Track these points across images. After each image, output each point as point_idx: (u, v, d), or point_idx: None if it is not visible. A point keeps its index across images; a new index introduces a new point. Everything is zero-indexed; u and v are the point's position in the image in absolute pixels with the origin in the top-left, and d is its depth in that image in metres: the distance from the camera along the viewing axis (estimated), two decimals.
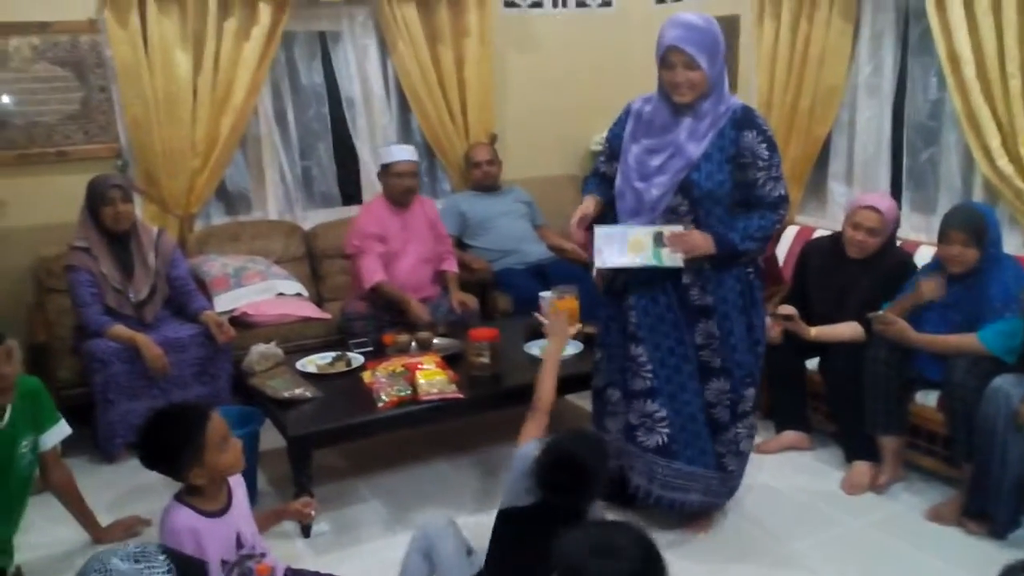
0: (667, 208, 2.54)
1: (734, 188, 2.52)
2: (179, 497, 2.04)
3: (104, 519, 2.88)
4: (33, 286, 3.88)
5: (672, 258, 2.53)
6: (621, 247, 2.58)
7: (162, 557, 1.46)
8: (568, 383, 3.23)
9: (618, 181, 2.65)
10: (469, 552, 2.26)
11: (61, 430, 2.65)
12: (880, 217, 3.19)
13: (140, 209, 3.92)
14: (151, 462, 2.01)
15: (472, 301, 4.02)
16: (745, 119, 2.52)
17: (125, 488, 3.23)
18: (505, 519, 2.15)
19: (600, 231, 2.62)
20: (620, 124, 2.71)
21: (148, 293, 3.50)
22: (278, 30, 4.11)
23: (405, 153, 3.94)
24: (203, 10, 3.94)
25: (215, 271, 3.92)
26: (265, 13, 4.04)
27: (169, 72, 3.93)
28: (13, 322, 3.47)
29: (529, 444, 2.29)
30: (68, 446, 2.83)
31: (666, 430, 2.63)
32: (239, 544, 2.05)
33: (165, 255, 3.57)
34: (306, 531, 2.84)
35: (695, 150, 2.49)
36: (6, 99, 3.76)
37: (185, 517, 1.98)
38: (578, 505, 2.04)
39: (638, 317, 2.64)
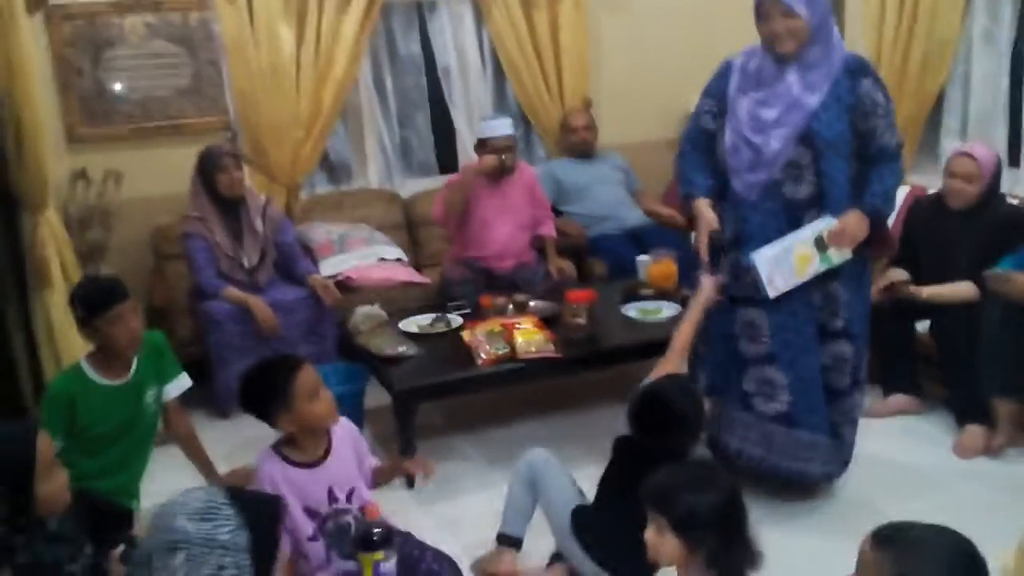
0: (788, 161, 2.46)
1: (853, 138, 2.45)
2: (274, 445, 2.13)
3: (221, 469, 3.03)
4: (151, 253, 4.09)
5: (842, 253, 2.47)
6: (789, 268, 2.47)
7: (230, 510, 1.37)
8: (661, 346, 3.23)
9: (728, 137, 2.56)
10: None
11: (182, 382, 2.79)
12: (974, 163, 3.07)
13: (248, 179, 4.07)
14: (248, 406, 2.12)
15: (569, 267, 4.03)
16: (860, 67, 2.46)
17: (239, 441, 3.38)
18: (620, 445, 2.22)
19: (762, 258, 2.47)
20: (721, 79, 2.63)
21: (258, 258, 3.65)
22: (377, 2, 4.19)
23: (501, 127, 3.85)
24: None
25: (320, 237, 4.06)
26: None
27: (273, 46, 4.05)
28: (134, 287, 3.64)
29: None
30: (185, 402, 2.99)
31: (787, 397, 2.55)
32: (332, 498, 2.11)
33: (273, 222, 3.72)
34: (410, 483, 2.93)
35: (813, 100, 2.42)
36: (123, 75, 3.97)
37: (270, 464, 2.08)
38: (670, 445, 2.07)
39: (756, 278, 2.52)
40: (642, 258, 3.79)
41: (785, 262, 2.47)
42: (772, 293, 2.48)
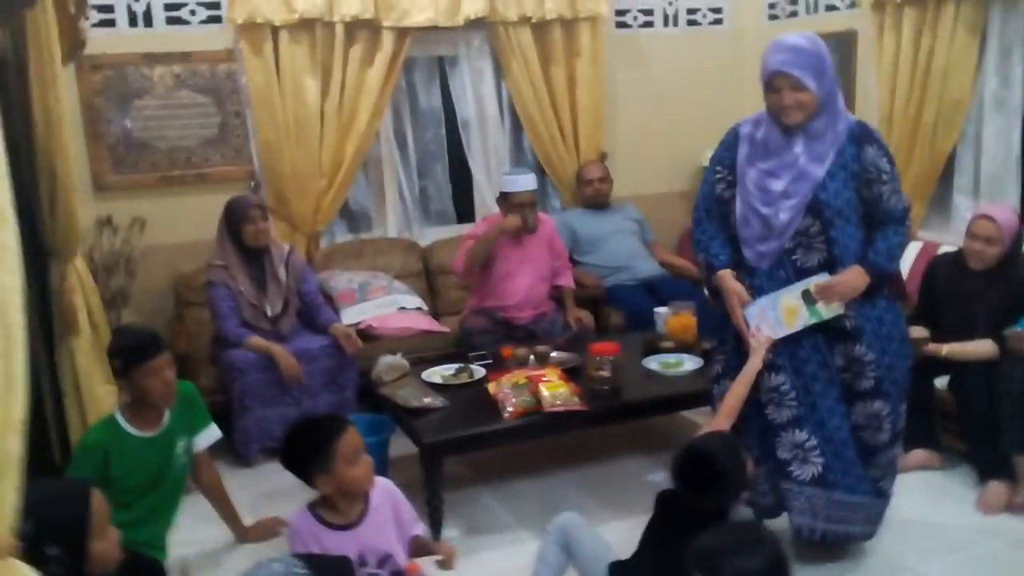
0: (798, 230, 2.48)
1: (860, 204, 2.48)
2: (310, 504, 2.14)
3: (243, 520, 3.03)
4: (173, 300, 4.12)
5: (831, 308, 2.47)
6: (776, 318, 2.51)
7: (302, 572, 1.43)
8: (684, 399, 3.26)
9: (739, 207, 2.58)
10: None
11: (213, 433, 2.81)
12: (995, 225, 3.13)
13: (272, 229, 4.11)
14: (288, 463, 2.14)
15: (588, 318, 4.07)
16: (864, 134, 2.49)
17: (261, 491, 3.38)
18: (662, 499, 2.24)
19: (750, 311, 2.54)
20: (729, 148, 2.64)
21: (281, 307, 3.68)
22: (400, 57, 4.29)
23: (525, 183, 3.88)
24: (331, 39, 4.14)
25: (341, 286, 4.10)
26: (388, 41, 4.22)
27: (299, 98, 4.14)
28: None
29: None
30: (209, 451, 3.00)
31: (820, 459, 2.53)
32: (362, 562, 2.10)
33: (296, 271, 3.76)
34: (436, 535, 2.92)
35: (819, 171, 2.45)
36: (151, 124, 4.03)
37: (302, 523, 2.09)
38: (714, 502, 2.09)
39: (774, 345, 2.54)
40: (660, 310, 3.82)
41: (772, 312, 2.52)
42: (752, 343, 2.52)
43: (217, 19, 4.08)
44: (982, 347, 3.09)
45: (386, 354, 3.45)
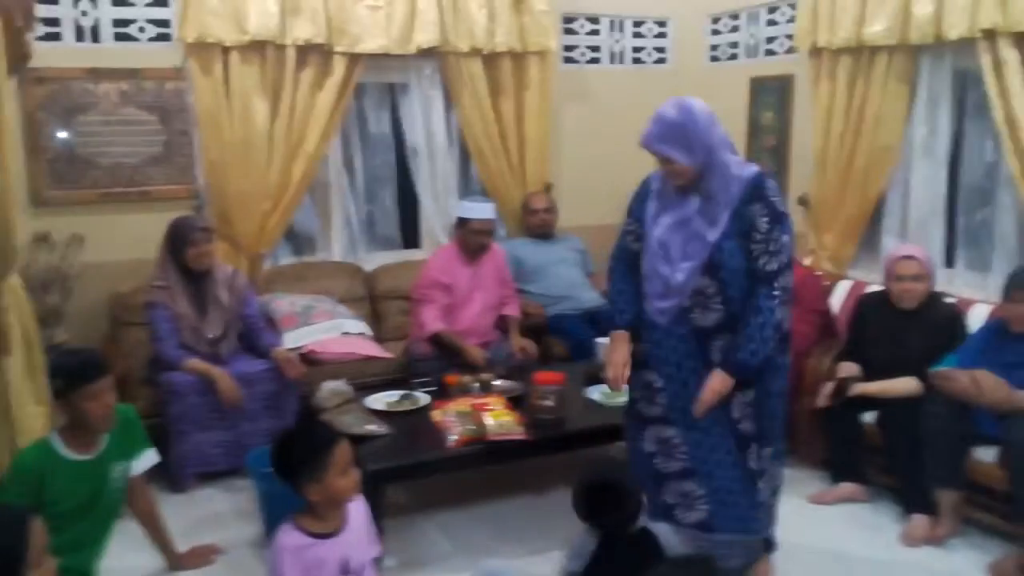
0: (695, 290, 2.50)
1: (748, 260, 2.48)
2: (294, 518, 2.16)
3: (176, 547, 2.97)
4: (109, 319, 4.03)
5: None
6: None
7: None
8: (617, 431, 3.31)
9: (645, 264, 2.62)
10: None
11: (150, 457, 2.77)
12: (918, 263, 3.31)
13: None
14: (279, 468, 2.16)
15: (532, 347, 4.12)
16: (755, 192, 2.46)
17: (195, 517, 3.33)
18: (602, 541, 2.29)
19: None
20: (640, 200, 2.68)
21: (222, 331, 3.64)
22: (351, 82, 4.31)
23: (484, 211, 4.03)
24: (282, 61, 4.14)
25: (284, 309, 4.07)
26: (340, 66, 4.24)
27: (247, 119, 4.12)
28: None
29: None
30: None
31: (705, 507, 2.59)
32: (345, 569, 2.15)
33: (238, 294, 3.73)
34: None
35: (714, 233, 2.46)
36: (94, 141, 3.96)
37: (291, 538, 2.11)
38: (627, 525, 2.21)
39: (668, 399, 2.60)
40: (601, 340, 3.86)
41: None
42: None
43: (166, 37, 4.05)
44: (906, 385, 3.23)
45: (328, 379, 3.43)
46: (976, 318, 3.44)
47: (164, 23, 4.05)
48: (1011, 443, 2.89)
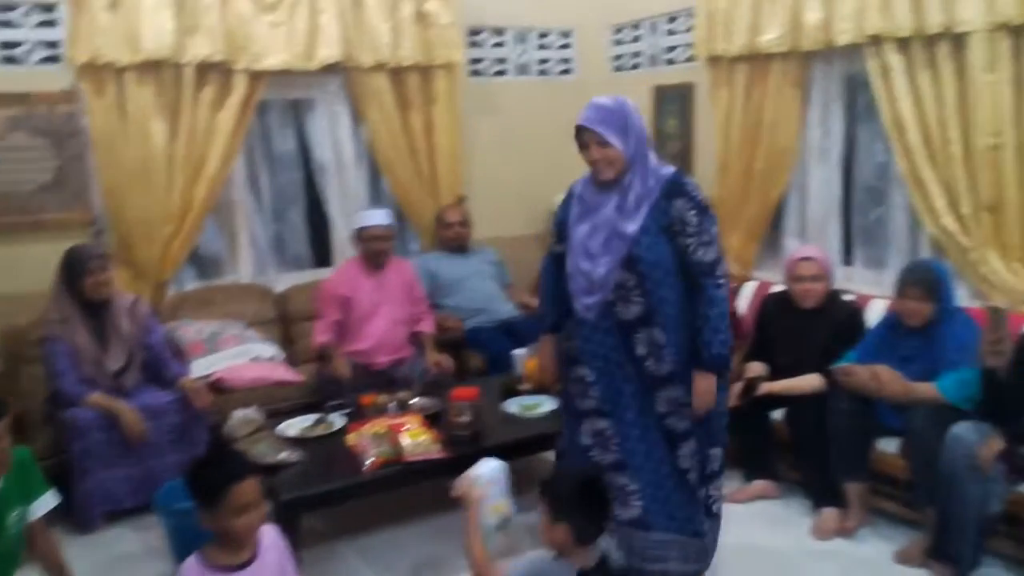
0: (616, 284, 2.59)
1: (675, 256, 2.57)
2: (203, 548, 2.10)
3: None
4: (3, 356, 3.84)
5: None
6: (499, 492, 2.68)
7: None
8: (543, 441, 3.32)
9: (569, 263, 2.71)
10: None
11: (49, 500, 2.63)
12: (816, 264, 3.43)
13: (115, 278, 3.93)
14: (187, 487, 2.12)
15: (447, 362, 4.10)
16: (675, 188, 2.57)
17: (104, 558, 3.20)
18: None
19: (490, 468, 2.71)
20: (564, 206, 2.79)
21: (124, 362, 3.52)
22: (253, 100, 4.23)
23: (378, 217, 4.08)
24: (179, 81, 4.03)
25: (190, 336, 3.95)
26: (241, 83, 4.15)
27: (144, 141, 4.00)
28: None
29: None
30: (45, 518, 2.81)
31: (639, 503, 2.66)
32: None
33: (140, 323, 3.60)
34: None
35: (631, 226, 2.55)
36: None
37: (193, 572, 2.05)
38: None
39: (600, 392, 2.67)
40: (518, 352, 3.88)
41: (499, 486, 2.71)
42: (465, 492, 2.64)
43: (56, 59, 3.90)
44: (810, 382, 3.33)
45: (239, 408, 3.34)
46: (874, 313, 3.57)
47: (53, 44, 3.90)
48: (910, 433, 3.01)
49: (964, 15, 3.28)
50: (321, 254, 4.83)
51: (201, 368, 3.85)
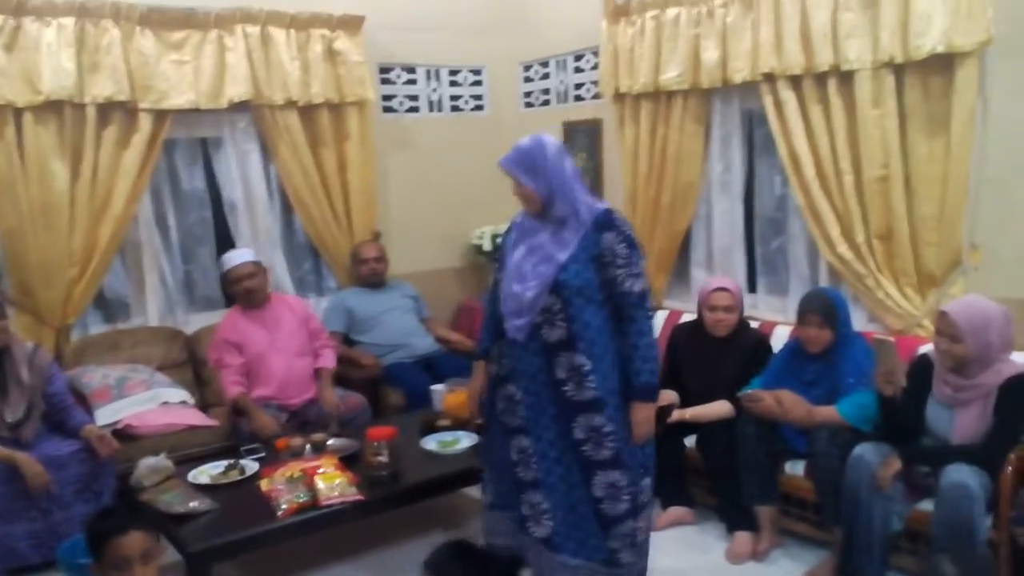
0: (543, 308, 2.68)
1: (602, 285, 2.67)
2: None
3: None
4: None
5: None
6: None
7: None
8: (462, 477, 3.32)
9: (502, 287, 2.82)
10: None
11: None
12: (729, 295, 3.54)
13: (13, 322, 3.78)
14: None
15: (332, 404, 3.94)
16: (605, 222, 2.68)
17: None
18: None
19: None
20: (507, 234, 2.90)
21: (24, 413, 3.37)
22: (159, 138, 4.15)
23: (241, 256, 4.00)
24: (81, 120, 3.93)
25: (95, 383, 3.82)
26: (146, 122, 4.07)
27: (45, 182, 3.88)
28: None
29: None
30: None
31: (550, 523, 2.72)
32: None
33: (41, 371, 3.46)
34: None
35: (562, 255, 2.67)
36: None
37: None
38: None
39: (526, 410, 2.75)
40: (436, 388, 3.89)
41: None
42: None
43: None
44: (719, 408, 3.43)
45: (148, 455, 3.24)
46: (778, 339, 3.70)
47: None
48: (814, 455, 3.13)
49: (850, 54, 3.47)
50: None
51: (108, 415, 3.72)
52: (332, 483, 2.98)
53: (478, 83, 5.36)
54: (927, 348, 3.11)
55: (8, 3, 3.71)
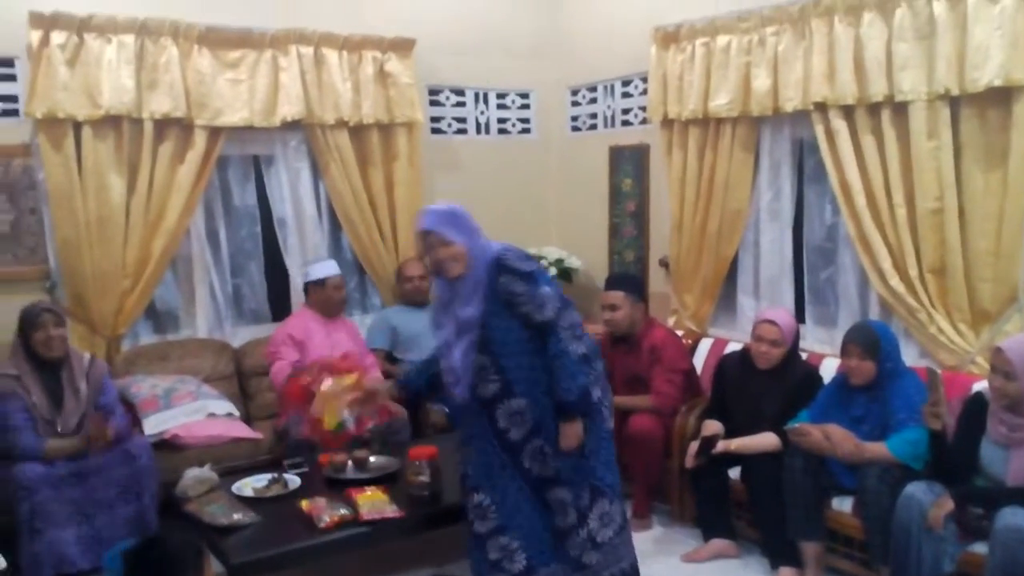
0: (476, 368, 2.76)
1: (523, 328, 2.75)
2: None
3: None
4: None
5: None
6: None
7: None
8: None
9: (441, 364, 2.91)
10: None
11: None
12: (777, 329, 3.48)
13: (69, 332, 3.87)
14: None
15: (400, 411, 4.03)
16: (497, 266, 2.74)
17: None
18: None
19: None
20: (433, 328, 2.97)
21: (76, 425, 3.44)
22: (213, 155, 4.24)
23: (334, 268, 4.21)
24: (139, 135, 4.03)
25: (144, 392, 3.89)
26: (200, 139, 4.16)
27: (102, 195, 3.98)
28: None
29: None
30: None
31: (523, 555, 2.81)
32: None
33: (96, 383, 3.54)
34: None
35: (474, 312, 2.73)
36: None
37: None
38: None
39: (474, 468, 2.85)
40: None
41: None
42: None
43: (14, 112, 3.88)
44: (766, 441, 3.38)
45: (193, 466, 3.29)
46: (826, 371, 3.64)
47: (11, 99, 3.89)
48: (863, 492, 3.06)
49: (904, 85, 3.43)
50: (279, 309, 4.78)
51: (155, 425, 3.78)
52: (372, 500, 3.00)
53: (526, 106, 5.39)
54: (981, 386, 3.04)
55: (72, 21, 3.82)
